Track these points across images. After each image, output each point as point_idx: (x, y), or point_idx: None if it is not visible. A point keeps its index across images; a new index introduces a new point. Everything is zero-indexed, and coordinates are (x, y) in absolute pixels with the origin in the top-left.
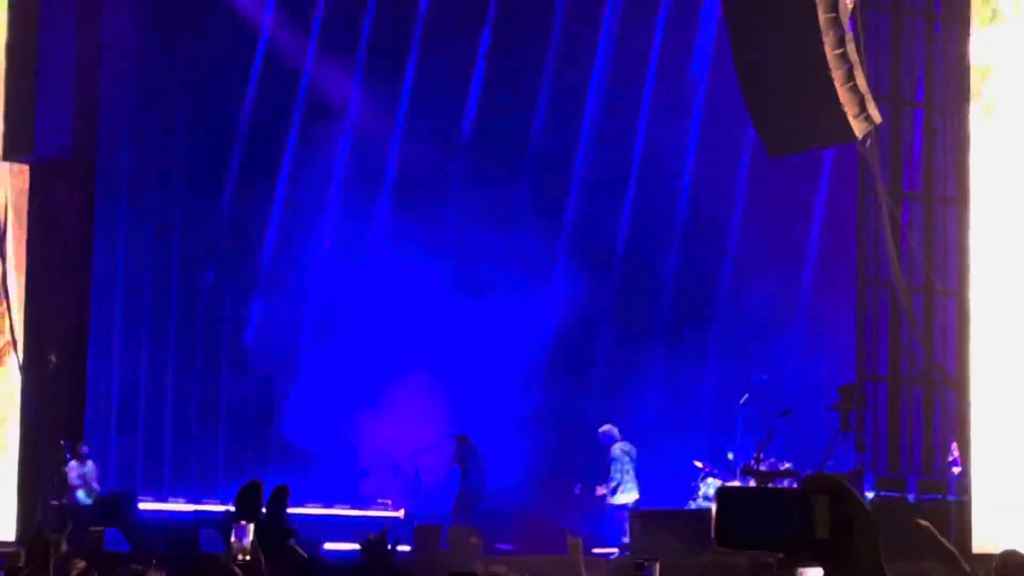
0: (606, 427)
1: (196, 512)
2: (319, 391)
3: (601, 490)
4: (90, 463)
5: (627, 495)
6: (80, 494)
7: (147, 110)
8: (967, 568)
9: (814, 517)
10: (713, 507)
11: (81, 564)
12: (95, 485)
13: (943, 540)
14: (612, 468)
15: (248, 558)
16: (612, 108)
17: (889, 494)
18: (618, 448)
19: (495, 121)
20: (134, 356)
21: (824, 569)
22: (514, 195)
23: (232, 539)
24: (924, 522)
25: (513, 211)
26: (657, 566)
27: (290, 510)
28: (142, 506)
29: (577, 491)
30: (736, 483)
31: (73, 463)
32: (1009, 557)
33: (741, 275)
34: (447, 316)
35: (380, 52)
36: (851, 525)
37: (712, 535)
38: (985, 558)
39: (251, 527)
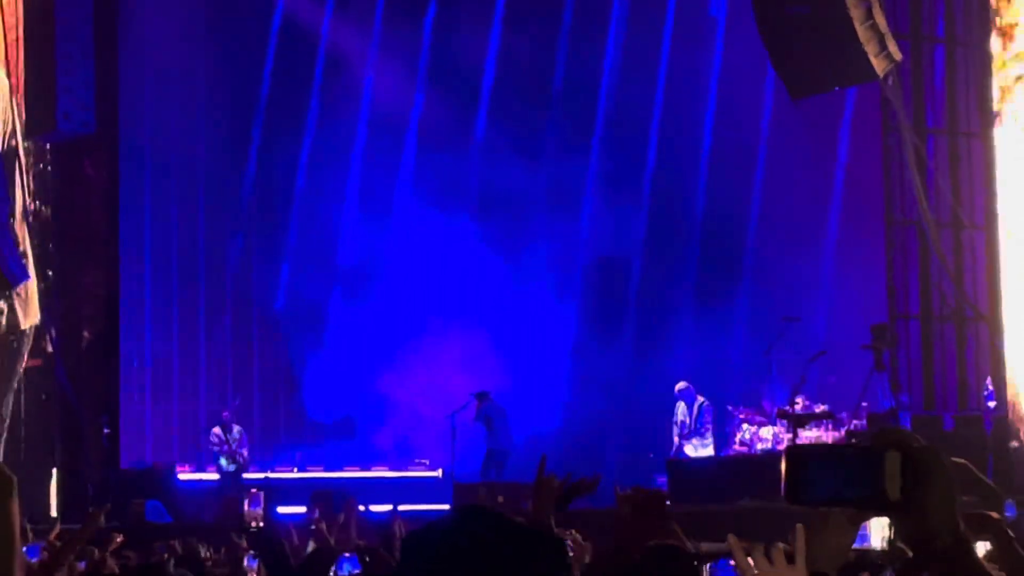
0: (684, 383)
1: (235, 481)
2: (351, 353)
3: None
4: (237, 429)
5: (709, 449)
6: (222, 461)
7: (168, 82)
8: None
9: (886, 475)
10: (783, 466)
11: (119, 539)
12: (243, 451)
13: (982, 476)
14: (702, 420)
15: (261, 524)
16: (630, 53)
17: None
18: (706, 401)
19: (515, 64)
20: (165, 328)
21: (899, 525)
22: (539, 135)
23: (246, 507)
24: (960, 460)
25: (538, 151)
26: None
27: (329, 474)
28: (181, 476)
29: (652, 456)
30: (776, 430)
31: (216, 430)
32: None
33: (767, 218)
34: (475, 266)
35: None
36: (924, 480)
37: (783, 494)
38: None
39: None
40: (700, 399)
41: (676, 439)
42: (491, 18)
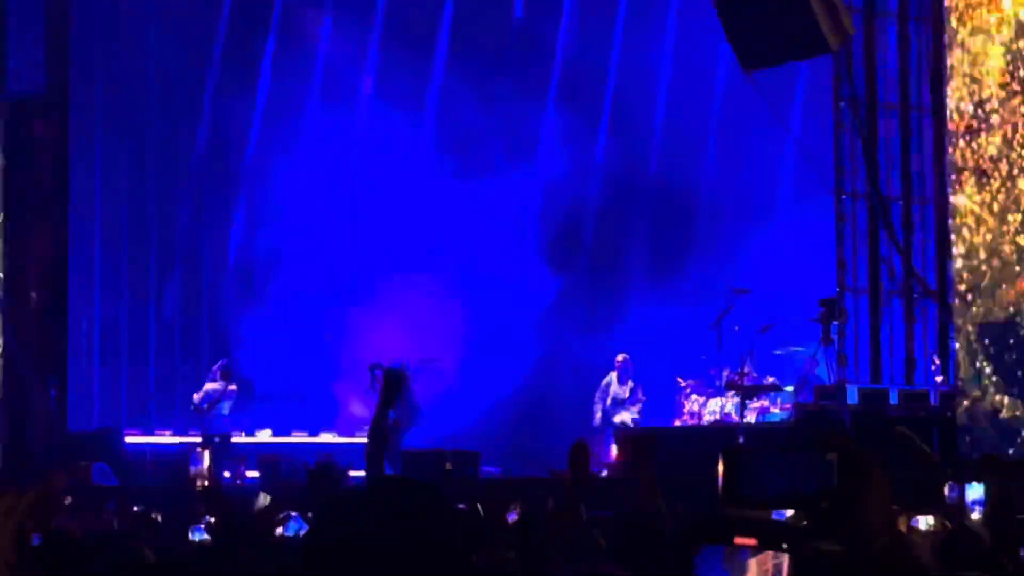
0: (625, 356)
1: (182, 443)
2: (302, 316)
3: (628, 415)
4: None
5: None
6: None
7: (120, 42)
8: (948, 472)
9: (824, 476)
10: (720, 467)
11: (67, 500)
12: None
13: (923, 445)
14: (640, 392)
15: (207, 483)
16: (587, 16)
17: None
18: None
19: (471, 27)
20: (114, 290)
21: (835, 525)
22: (499, 85)
23: (191, 467)
24: (902, 428)
25: (496, 96)
26: None
27: (277, 439)
28: (128, 439)
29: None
30: (723, 401)
31: (207, 387)
32: None
33: (719, 189)
34: (427, 227)
35: None
36: (862, 483)
37: (719, 495)
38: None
39: (206, 453)
40: (630, 383)
41: (599, 409)
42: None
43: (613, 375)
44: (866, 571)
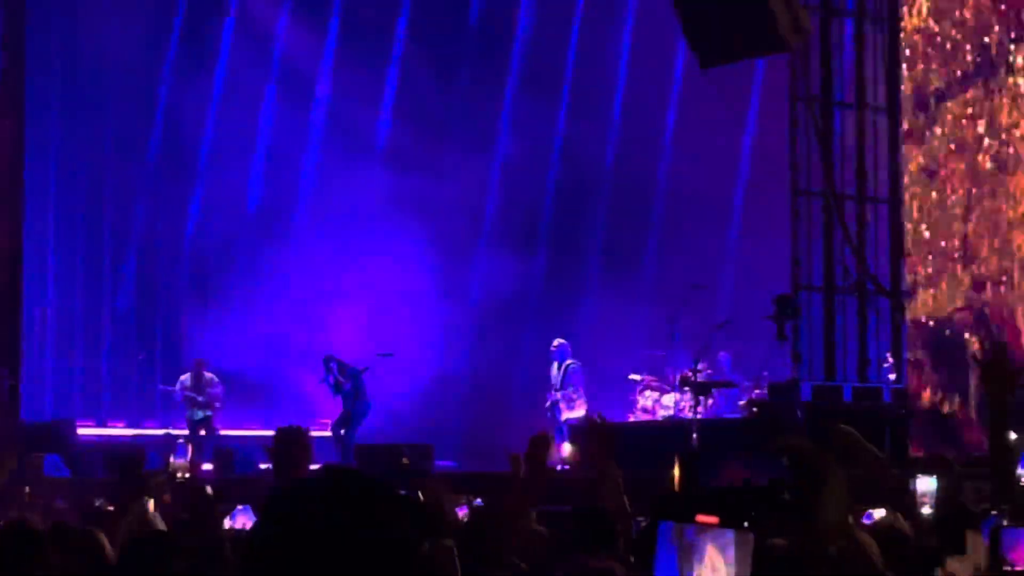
0: (561, 341)
1: (136, 436)
2: (257, 307)
3: (559, 403)
4: (208, 376)
5: (580, 410)
6: (195, 412)
7: (76, 34)
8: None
9: (780, 477)
10: (675, 469)
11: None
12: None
13: (868, 445)
14: (571, 381)
15: (188, 475)
16: (542, 18)
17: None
18: (575, 363)
19: (427, 27)
20: (69, 281)
21: (790, 526)
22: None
23: (172, 458)
24: (846, 427)
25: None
26: None
27: (233, 432)
28: (81, 431)
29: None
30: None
31: (183, 378)
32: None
33: (675, 187)
34: (380, 218)
35: None
36: (818, 485)
37: (676, 490)
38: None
39: (190, 447)
40: (569, 361)
41: (548, 400)
42: None
43: (554, 364)
44: (820, 571)
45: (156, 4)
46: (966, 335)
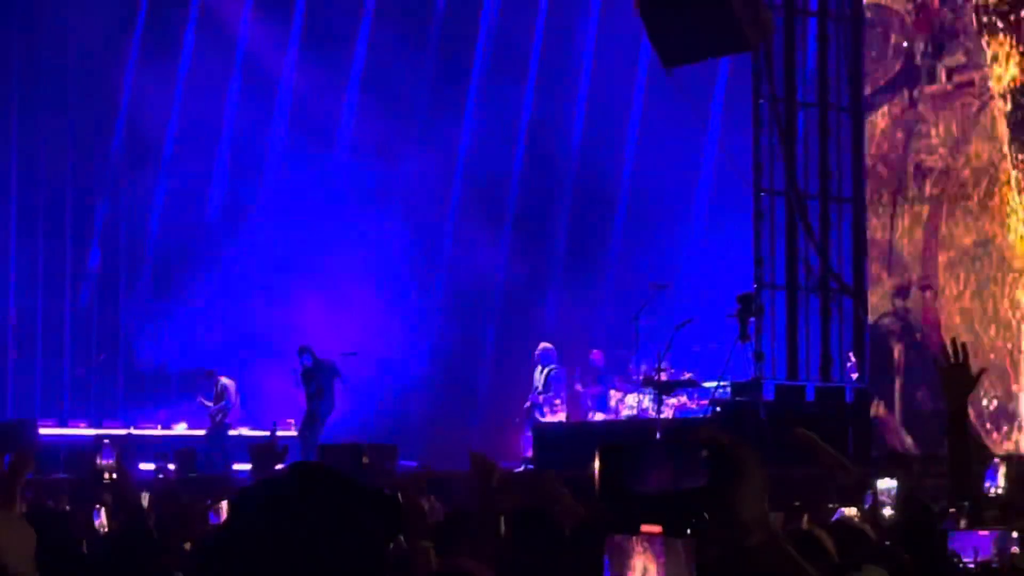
0: (546, 345)
1: (97, 435)
2: (218, 306)
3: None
4: (223, 382)
5: (561, 415)
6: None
7: (37, 32)
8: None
9: (701, 471)
10: (595, 464)
11: None
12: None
13: (824, 446)
14: (553, 385)
15: (115, 476)
16: (506, 17)
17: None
18: (557, 368)
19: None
20: (30, 282)
21: (706, 521)
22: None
23: (98, 459)
24: (802, 430)
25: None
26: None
27: (193, 432)
28: (42, 431)
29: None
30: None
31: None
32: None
33: (638, 185)
34: (342, 215)
35: None
36: (736, 478)
37: (596, 492)
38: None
39: (116, 451)
40: (552, 366)
41: (529, 401)
42: None
43: (538, 367)
44: (740, 567)
45: (118, 8)
46: (891, 341)
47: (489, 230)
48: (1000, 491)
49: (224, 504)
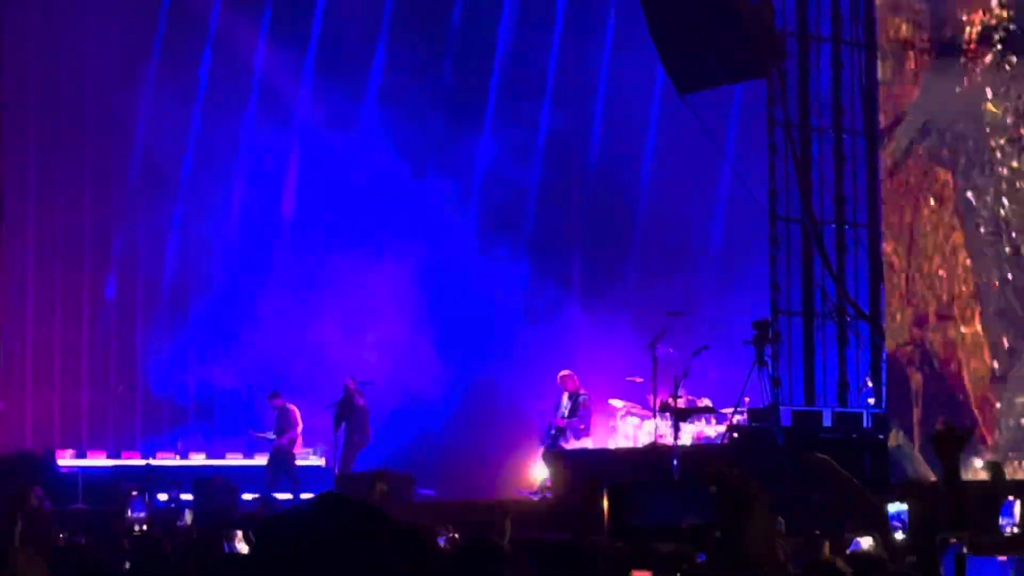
0: (566, 372)
1: (115, 466)
2: (237, 335)
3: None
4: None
5: (587, 442)
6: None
7: (54, 60)
8: (871, 498)
9: (707, 508)
10: (605, 501)
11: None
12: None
13: (843, 471)
14: (582, 412)
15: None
16: (521, 45)
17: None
18: (587, 394)
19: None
20: (47, 311)
21: (716, 554)
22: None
23: (128, 512)
24: (822, 456)
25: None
26: None
27: (212, 462)
28: (61, 462)
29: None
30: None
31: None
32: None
33: (654, 214)
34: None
35: None
36: (743, 513)
37: (606, 528)
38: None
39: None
40: (583, 392)
41: (552, 428)
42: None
43: (564, 394)
44: None
45: (133, 31)
46: (909, 369)
47: (507, 260)
48: (1016, 528)
49: (239, 534)
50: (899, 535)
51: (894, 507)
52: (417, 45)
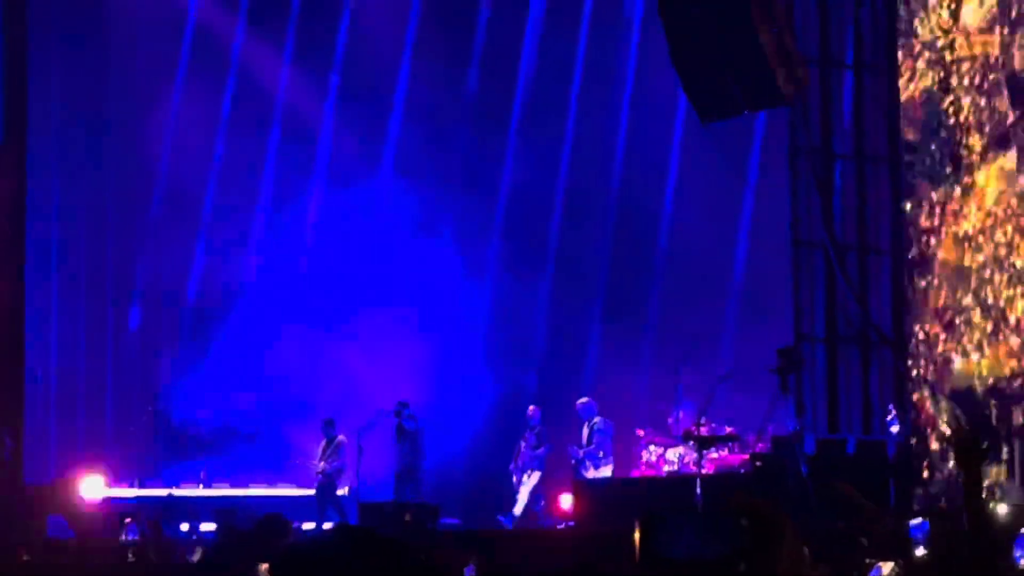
0: (585, 399)
1: (139, 497)
2: (260, 362)
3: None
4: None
5: (607, 469)
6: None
7: (76, 91)
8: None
9: (736, 538)
10: (636, 531)
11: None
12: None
13: (864, 500)
14: (597, 439)
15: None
16: (544, 74)
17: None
18: (601, 421)
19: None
20: (71, 341)
21: None
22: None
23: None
24: (845, 484)
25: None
26: None
27: (235, 491)
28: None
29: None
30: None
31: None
32: None
33: (677, 240)
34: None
35: None
36: (773, 545)
37: (637, 558)
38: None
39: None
40: (596, 419)
41: (572, 457)
42: (404, 31)
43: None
44: None
45: (155, 60)
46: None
47: (528, 287)
48: None
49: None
50: (920, 551)
51: (916, 521)
52: (440, 67)
